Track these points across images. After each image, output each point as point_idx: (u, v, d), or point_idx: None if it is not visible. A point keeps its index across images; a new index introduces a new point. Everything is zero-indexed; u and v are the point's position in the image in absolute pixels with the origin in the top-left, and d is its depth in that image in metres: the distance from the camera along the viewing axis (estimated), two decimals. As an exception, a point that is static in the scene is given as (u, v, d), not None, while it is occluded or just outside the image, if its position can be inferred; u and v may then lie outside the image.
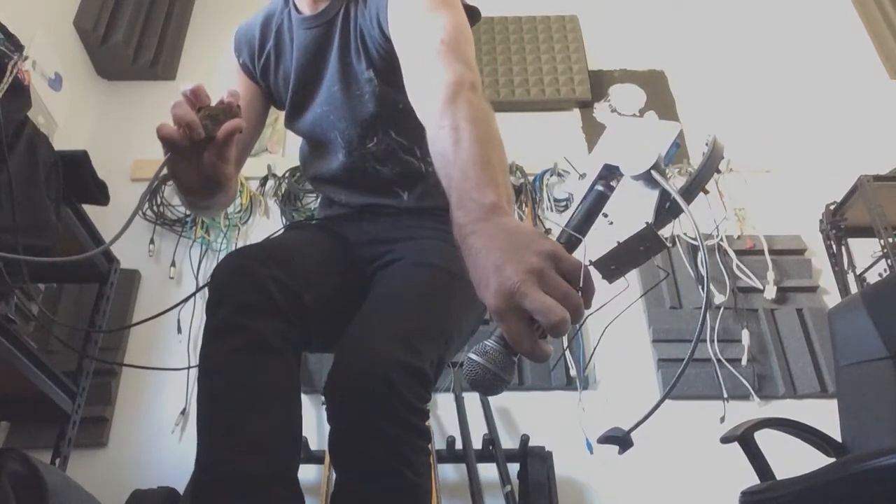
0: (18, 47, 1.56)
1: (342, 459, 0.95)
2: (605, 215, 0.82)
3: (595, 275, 0.74)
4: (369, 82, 1.20)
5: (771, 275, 2.66)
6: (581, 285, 0.64)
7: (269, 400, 0.96)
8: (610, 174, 0.85)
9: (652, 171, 0.78)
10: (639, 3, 3.56)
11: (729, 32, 3.44)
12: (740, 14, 3.51)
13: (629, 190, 0.80)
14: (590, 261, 0.75)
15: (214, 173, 0.92)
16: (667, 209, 0.78)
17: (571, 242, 0.78)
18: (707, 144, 0.79)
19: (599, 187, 0.85)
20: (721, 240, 2.77)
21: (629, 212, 0.79)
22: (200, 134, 0.86)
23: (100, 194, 1.84)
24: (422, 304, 1.06)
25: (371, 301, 1.09)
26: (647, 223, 0.77)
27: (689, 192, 0.80)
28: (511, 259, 0.63)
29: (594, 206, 0.83)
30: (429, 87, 0.91)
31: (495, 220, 0.69)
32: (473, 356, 0.69)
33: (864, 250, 2.72)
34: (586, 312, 0.65)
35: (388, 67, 1.15)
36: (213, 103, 0.89)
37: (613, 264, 0.78)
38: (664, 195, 0.78)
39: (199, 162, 0.90)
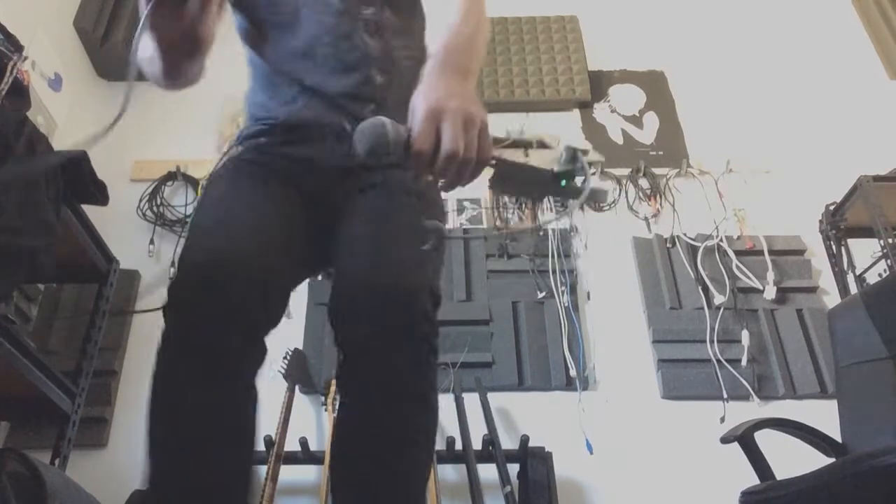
0: (18, 47, 1.56)
1: (361, 376, 0.96)
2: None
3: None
4: None
5: (771, 275, 2.66)
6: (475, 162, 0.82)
7: (232, 433, 0.93)
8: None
9: (579, 152, 0.89)
10: (639, 3, 3.56)
11: (729, 32, 3.44)
12: (740, 14, 3.51)
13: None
14: (496, 158, 0.86)
15: (194, 27, 0.89)
16: (562, 184, 0.90)
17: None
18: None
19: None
20: (721, 240, 2.77)
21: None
22: None
23: (99, 194, 1.85)
24: (424, 239, 1.06)
25: (368, 228, 1.07)
26: (552, 170, 0.89)
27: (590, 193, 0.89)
28: (460, 98, 0.84)
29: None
30: None
31: (463, 76, 0.90)
32: (386, 119, 0.81)
33: (864, 250, 2.72)
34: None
35: None
36: None
37: (508, 174, 0.88)
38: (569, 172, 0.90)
39: (180, 15, 0.87)
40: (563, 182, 0.89)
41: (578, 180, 0.88)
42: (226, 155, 1.23)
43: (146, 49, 0.97)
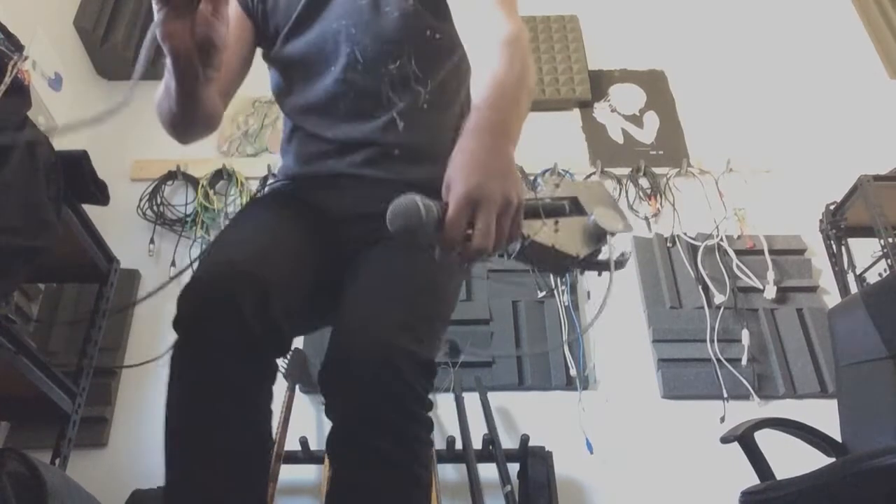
0: (18, 47, 1.56)
1: (346, 454, 0.92)
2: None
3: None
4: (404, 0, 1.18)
5: (771, 275, 2.66)
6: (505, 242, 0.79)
7: (244, 456, 0.93)
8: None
9: (609, 236, 0.89)
10: (639, 3, 3.56)
11: (729, 32, 3.44)
12: (740, 14, 3.51)
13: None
14: (530, 240, 0.83)
15: (209, 35, 0.86)
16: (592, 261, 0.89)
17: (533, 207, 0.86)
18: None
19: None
20: (721, 240, 2.77)
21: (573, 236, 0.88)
22: None
23: (100, 194, 1.85)
24: (423, 291, 1.04)
25: (366, 284, 1.04)
26: (578, 257, 0.87)
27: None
28: (499, 179, 0.77)
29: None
30: (492, 25, 1.00)
31: (505, 142, 0.83)
32: (419, 198, 0.77)
33: (864, 250, 2.72)
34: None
35: None
36: None
37: (536, 258, 0.86)
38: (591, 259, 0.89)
39: (193, 23, 0.85)
40: (589, 263, 0.89)
41: (603, 256, 0.88)
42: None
43: (160, 87, 0.98)
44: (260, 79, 1.35)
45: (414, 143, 1.20)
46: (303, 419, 2.33)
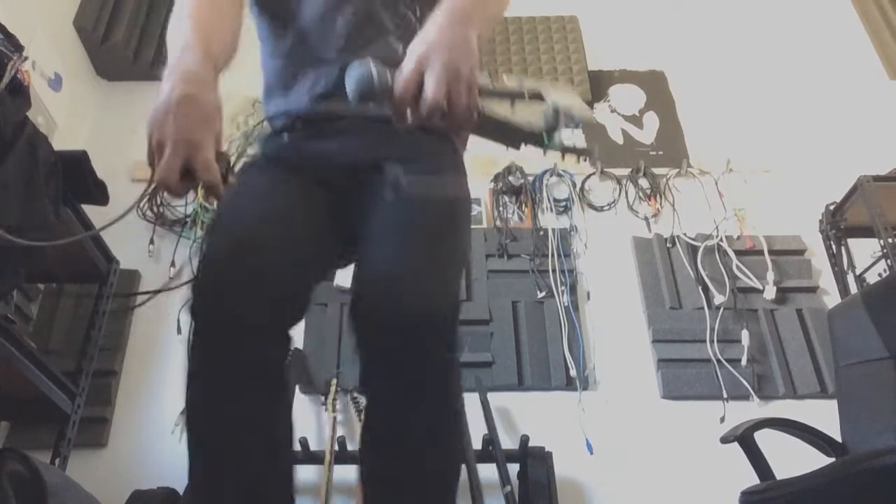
0: (18, 47, 1.56)
1: (396, 395, 0.95)
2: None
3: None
4: None
5: (771, 275, 2.66)
6: (458, 114, 0.85)
7: (275, 437, 0.95)
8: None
9: (560, 111, 0.94)
10: (639, 3, 3.56)
11: (729, 32, 3.44)
12: (740, 14, 3.51)
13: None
14: (480, 112, 0.89)
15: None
16: (545, 141, 0.95)
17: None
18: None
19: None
20: (721, 240, 2.77)
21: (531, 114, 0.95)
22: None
23: (99, 194, 1.85)
24: (451, 240, 1.08)
25: (403, 227, 1.04)
26: (531, 130, 0.94)
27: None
28: (452, 50, 0.85)
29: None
30: None
31: (463, 26, 0.89)
32: (373, 63, 0.84)
33: (864, 250, 2.72)
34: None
35: None
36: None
37: (490, 127, 0.92)
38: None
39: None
40: (546, 139, 0.94)
41: (560, 136, 0.93)
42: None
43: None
44: (259, 79, 1.35)
45: None
46: (303, 419, 2.33)
